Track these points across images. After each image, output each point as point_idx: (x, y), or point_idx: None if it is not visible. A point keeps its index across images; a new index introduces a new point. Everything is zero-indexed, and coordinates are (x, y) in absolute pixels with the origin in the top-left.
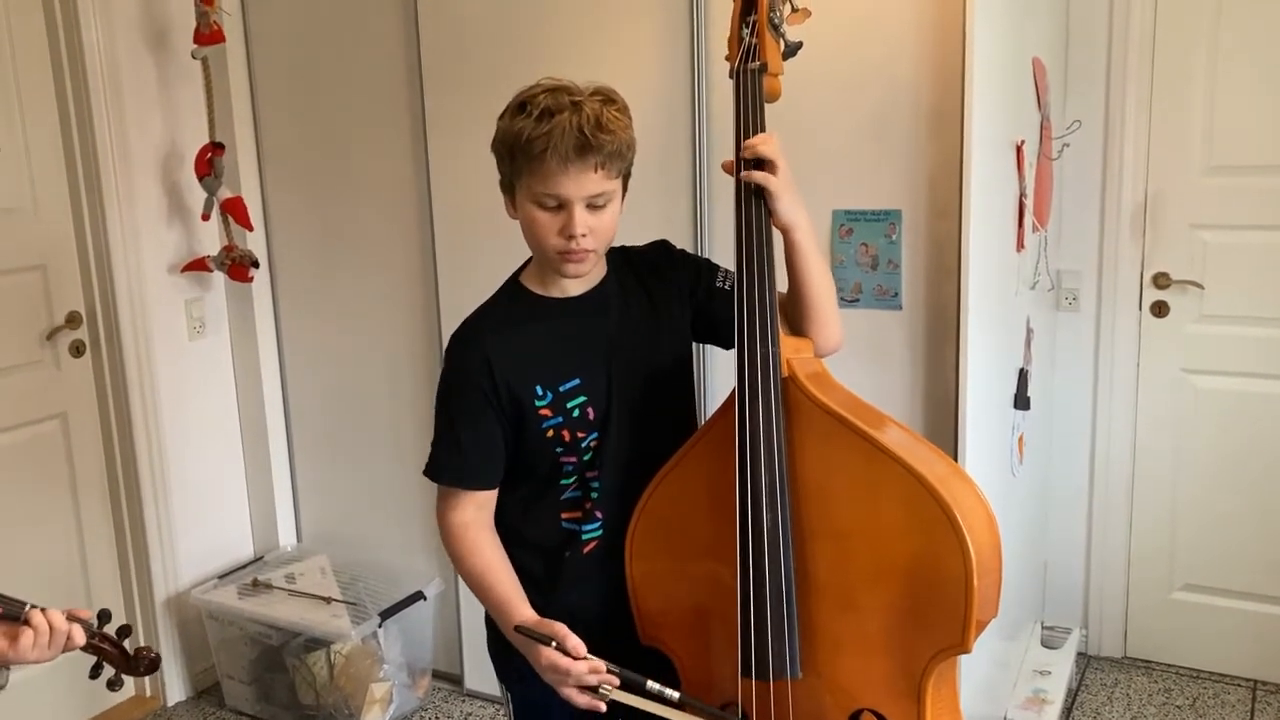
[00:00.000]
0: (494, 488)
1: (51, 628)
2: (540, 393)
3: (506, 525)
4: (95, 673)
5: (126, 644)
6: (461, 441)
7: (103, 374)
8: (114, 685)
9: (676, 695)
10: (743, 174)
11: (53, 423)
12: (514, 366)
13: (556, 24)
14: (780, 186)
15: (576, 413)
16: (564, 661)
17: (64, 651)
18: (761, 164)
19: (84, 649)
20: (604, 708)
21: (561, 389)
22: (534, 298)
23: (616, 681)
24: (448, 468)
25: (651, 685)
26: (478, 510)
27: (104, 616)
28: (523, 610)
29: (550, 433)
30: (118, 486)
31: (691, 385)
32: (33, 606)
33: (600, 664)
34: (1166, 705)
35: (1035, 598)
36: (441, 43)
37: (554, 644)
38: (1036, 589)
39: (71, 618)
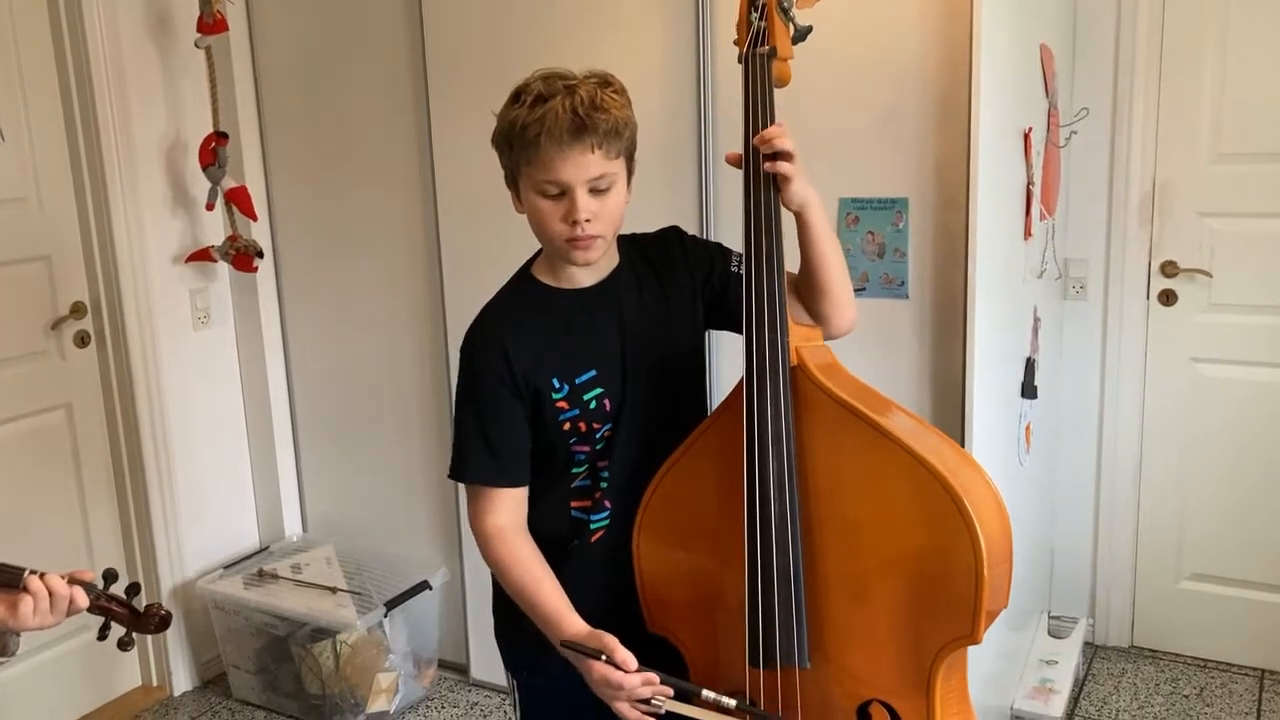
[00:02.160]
0: (525, 485)
1: (51, 592)
2: (557, 385)
3: None
4: (103, 634)
5: (136, 602)
6: (490, 438)
7: (107, 364)
8: (125, 645)
9: (733, 703)
10: (766, 166)
11: (58, 413)
12: (531, 359)
13: (561, 10)
14: (796, 171)
15: (593, 404)
16: (616, 676)
17: (69, 615)
18: (777, 154)
19: (90, 610)
20: None
21: (578, 381)
22: (545, 289)
23: (670, 692)
24: (477, 467)
25: (707, 694)
26: (512, 513)
27: (110, 576)
28: (572, 622)
29: (567, 425)
30: (123, 477)
31: (704, 373)
32: (31, 572)
33: (654, 675)
34: (1174, 695)
35: (1042, 587)
36: (446, 31)
37: (604, 657)
38: (1043, 578)
39: (73, 580)
